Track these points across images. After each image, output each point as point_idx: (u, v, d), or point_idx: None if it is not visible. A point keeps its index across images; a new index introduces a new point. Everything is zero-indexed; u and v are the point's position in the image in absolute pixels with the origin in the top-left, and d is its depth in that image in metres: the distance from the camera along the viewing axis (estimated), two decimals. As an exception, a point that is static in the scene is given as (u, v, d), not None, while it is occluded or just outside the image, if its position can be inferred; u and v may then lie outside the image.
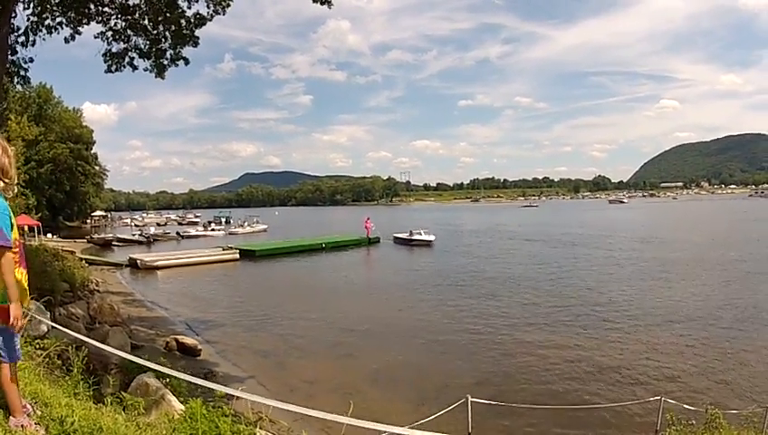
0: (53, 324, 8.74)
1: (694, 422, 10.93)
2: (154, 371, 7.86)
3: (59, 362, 8.50)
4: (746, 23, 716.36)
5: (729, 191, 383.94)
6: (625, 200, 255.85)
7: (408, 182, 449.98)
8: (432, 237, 66.74)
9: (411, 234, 67.57)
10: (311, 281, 41.37)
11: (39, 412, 4.89)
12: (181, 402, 8.18)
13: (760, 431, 10.85)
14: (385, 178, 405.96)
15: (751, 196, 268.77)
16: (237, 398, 8.12)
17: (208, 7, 20.64)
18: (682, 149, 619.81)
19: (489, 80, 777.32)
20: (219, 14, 20.88)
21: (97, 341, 12.56)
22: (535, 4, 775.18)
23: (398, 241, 69.33)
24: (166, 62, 21.60)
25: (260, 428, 9.00)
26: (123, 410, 6.73)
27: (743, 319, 24.96)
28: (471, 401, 10.68)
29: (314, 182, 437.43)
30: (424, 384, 17.61)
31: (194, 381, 5.43)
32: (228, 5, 20.80)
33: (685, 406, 11.69)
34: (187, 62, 21.97)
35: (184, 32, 20.95)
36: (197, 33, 21.31)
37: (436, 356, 20.79)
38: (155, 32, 21.09)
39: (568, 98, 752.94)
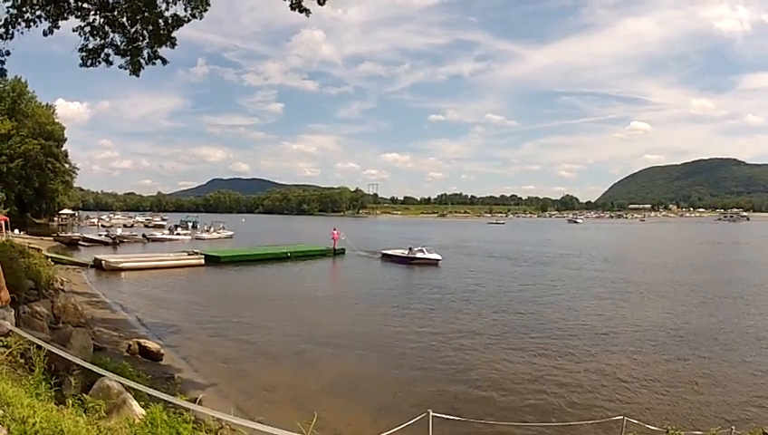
0: (11, 328, 8.68)
1: (656, 442, 11.01)
2: (117, 374, 7.86)
3: (22, 361, 8.44)
4: (721, 48, 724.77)
5: (698, 214, 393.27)
6: (579, 220, 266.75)
7: (376, 195, 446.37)
8: (438, 256, 58.99)
9: (412, 251, 59.88)
10: (275, 289, 41.38)
11: (1, 412, 4.89)
12: (142, 407, 8.15)
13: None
14: (353, 190, 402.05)
15: (719, 220, 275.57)
16: (199, 403, 8.14)
17: (186, 10, 20.57)
18: (651, 171, 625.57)
19: (461, 96, 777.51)
20: (196, 17, 20.79)
21: (60, 341, 12.54)
22: (509, 23, 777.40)
23: (390, 259, 62.09)
24: (142, 61, 21.45)
25: (221, 435, 8.99)
26: (84, 412, 6.73)
27: (702, 340, 25.64)
28: (432, 416, 10.71)
29: (282, 191, 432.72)
30: (384, 395, 17.76)
31: (155, 394, 5.45)
32: (206, 10, 20.69)
33: (648, 426, 11.79)
34: (164, 61, 21.74)
35: (161, 32, 20.84)
36: (174, 34, 21.23)
37: (397, 368, 20.92)
38: (133, 30, 20.96)
39: (538, 117, 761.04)
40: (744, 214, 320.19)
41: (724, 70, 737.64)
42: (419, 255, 59.17)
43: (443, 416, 11.46)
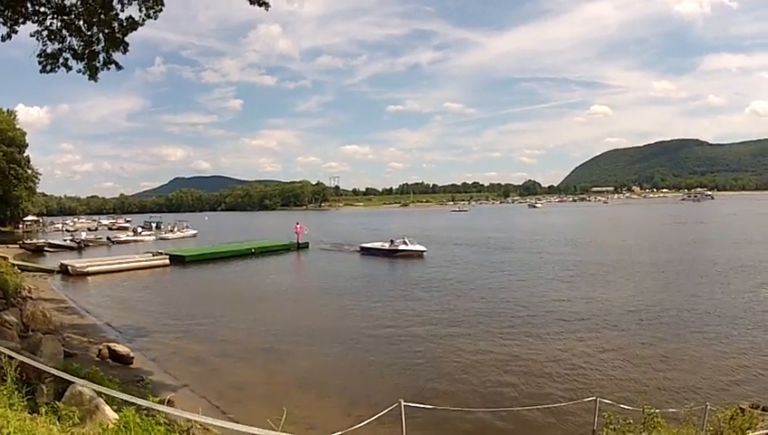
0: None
1: (631, 421, 11.13)
2: (89, 380, 7.90)
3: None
4: (681, 31, 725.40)
5: (661, 195, 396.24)
6: (538, 205, 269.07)
7: (338, 187, 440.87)
8: (423, 248, 57.17)
9: (393, 243, 57.90)
10: (240, 287, 41.39)
11: (-25, 424, 4.94)
12: (115, 411, 8.21)
13: (700, 429, 11.20)
14: (314, 183, 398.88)
15: (684, 199, 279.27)
16: (168, 403, 8.21)
17: (141, 11, 20.49)
18: (614, 154, 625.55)
19: (419, 85, 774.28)
20: (151, 18, 20.71)
21: (30, 349, 12.50)
22: (468, 12, 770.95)
23: (369, 252, 60.02)
24: (98, 65, 21.31)
25: (192, 435, 9.08)
26: (58, 419, 6.78)
27: (669, 320, 26.12)
28: (404, 405, 10.78)
29: (244, 187, 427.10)
30: (356, 388, 17.94)
31: (126, 398, 5.51)
32: (160, 10, 20.64)
33: (621, 406, 11.93)
34: (119, 66, 21.68)
35: (116, 35, 20.72)
36: (128, 38, 21.08)
37: (366, 360, 21.17)
38: (89, 33, 20.82)
39: (498, 104, 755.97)
40: (709, 193, 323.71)
41: (685, 52, 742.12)
42: (402, 247, 57.18)
43: (415, 405, 11.64)
